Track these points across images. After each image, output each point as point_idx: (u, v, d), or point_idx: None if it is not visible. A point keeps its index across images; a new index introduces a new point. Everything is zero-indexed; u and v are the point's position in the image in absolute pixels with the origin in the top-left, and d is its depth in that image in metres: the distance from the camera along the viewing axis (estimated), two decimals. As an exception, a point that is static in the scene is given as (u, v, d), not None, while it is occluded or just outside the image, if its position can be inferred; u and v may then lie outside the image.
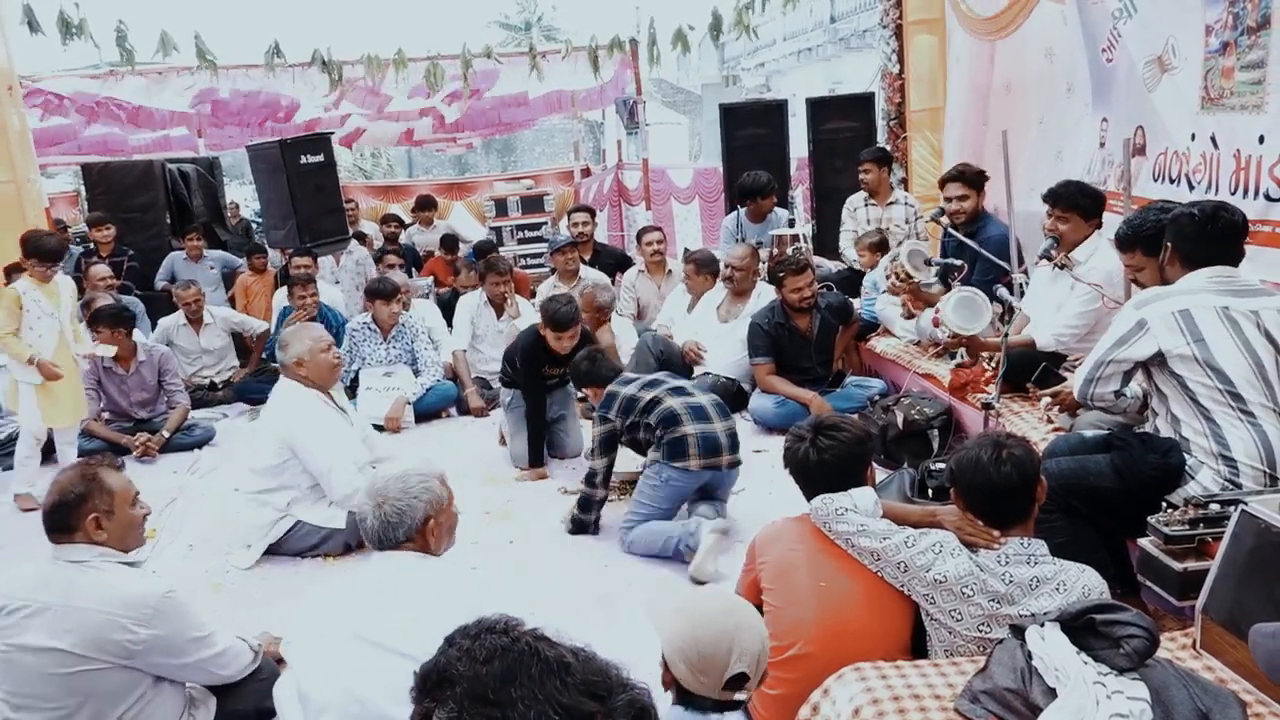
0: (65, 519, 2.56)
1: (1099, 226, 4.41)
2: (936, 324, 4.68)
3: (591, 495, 4.41)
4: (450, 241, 9.43)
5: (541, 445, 5.34)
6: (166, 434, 6.02)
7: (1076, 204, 4.31)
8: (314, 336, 4.36)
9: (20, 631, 2.47)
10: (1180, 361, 2.91)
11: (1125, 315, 3.05)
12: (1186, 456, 2.93)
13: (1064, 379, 3.90)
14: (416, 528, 2.44)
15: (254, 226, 11.91)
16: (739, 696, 1.97)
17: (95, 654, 2.45)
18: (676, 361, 5.97)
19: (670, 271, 7.31)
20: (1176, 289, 3.02)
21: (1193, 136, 4.55)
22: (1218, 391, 2.86)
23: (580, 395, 6.16)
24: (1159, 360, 2.97)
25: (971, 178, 5.45)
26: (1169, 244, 3.13)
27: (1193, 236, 3.04)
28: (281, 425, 4.26)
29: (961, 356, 4.86)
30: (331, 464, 4.25)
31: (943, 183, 5.63)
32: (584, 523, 4.43)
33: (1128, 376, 3.08)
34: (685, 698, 1.98)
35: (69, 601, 2.47)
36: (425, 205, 10.68)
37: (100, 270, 7.41)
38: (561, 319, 5.05)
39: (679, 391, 4.31)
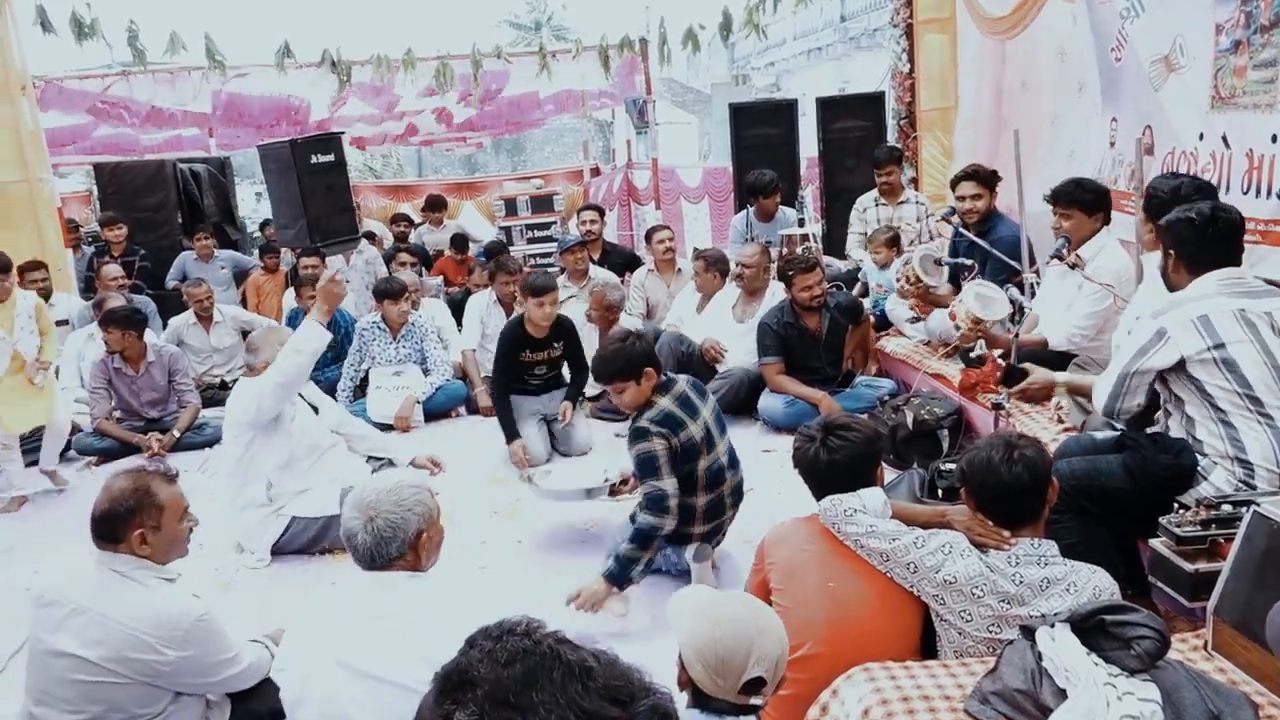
0: (112, 530, 2.55)
1: (1106, 223, 4.39)
2: (954, 317, 4.62)
3: (659, 526, 3.52)
4: (460, 241, 9.45)
5: (512, 420, 5.49)
6: (177, 434, 6.04)
7: (1075, 199, 4.32)
8: (282, 341, 4.38)
9: (52, 630, 2.49)
10: (1199, 366, 2.86)
11: (1145, 325, 3.00)
12: (1199, 458, 2.90)
13: (1028, 374, 3.85)
14: (410, 542, 2.34)
15: (245, 225, 11.95)
16: (755, 701, 1.95)
17: (119, 669, 2.46)
18: (697, 363, 5.97)
19: (680, 270, 7.30)
20: (1191, 295, 2.97)
21: (1201, 136, 4.53)
22: (1236, 395, 2.82)
23: (594, 394, 6.20)
24: (1179, 365, 2.92)
25: (985, 177, 5.44)
26: (1171, 251, 3.08)
27: (1194, 240, 2.99)
28: (234, 412, 4.31)
29: (982, 348, 4.82)
30: (264, 383, 4.20)
31: (955, 181, 5.61)
32: (630, 566, 3.52)
33: (1151, 387, 3.03)
34: (701, 700, 1.97)
35: (102, 611, 2.48)
36: (436, 206, 10.70)
37: (112, 270, 7.45)
38: (541, 284, 5.33)
39: (715, 478, 3.71)
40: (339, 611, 2.35)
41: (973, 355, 4.76)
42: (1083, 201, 4.31)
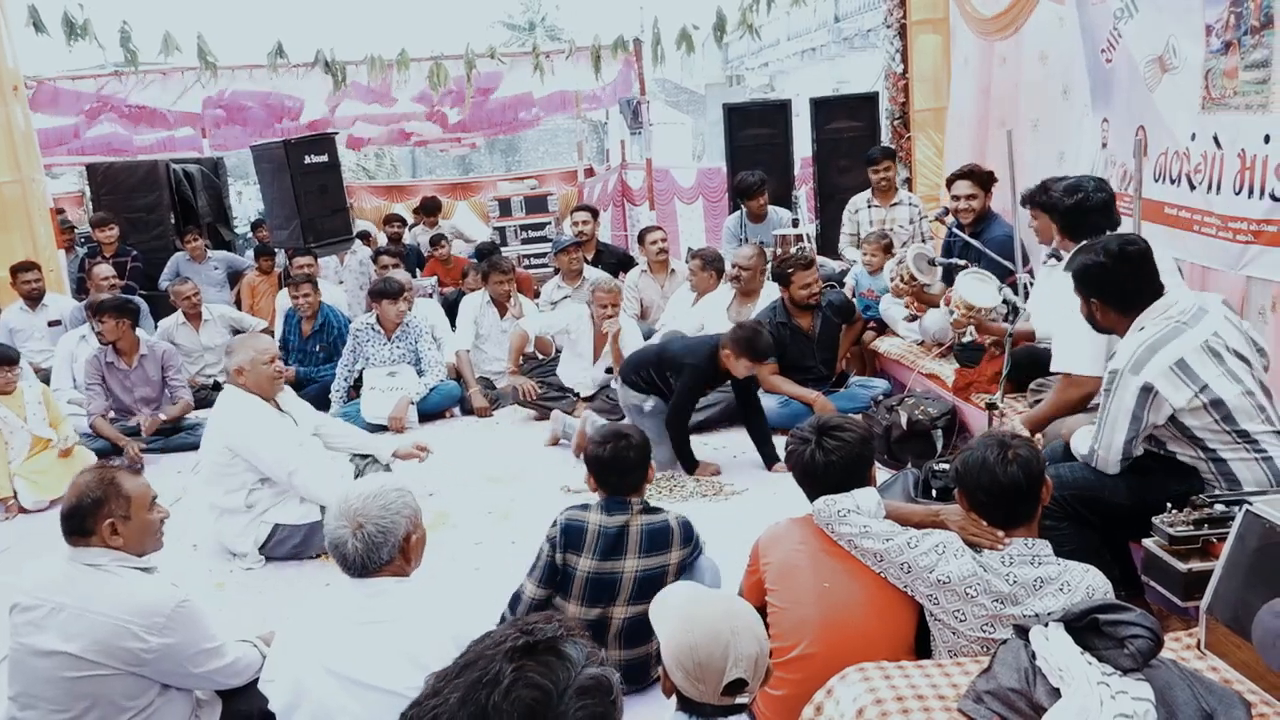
0: (81, 523, 2.56)
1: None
2: (948, 302, 4.61)
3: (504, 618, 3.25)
4: (437, 239, 9.41)
5: (688, 447, 5.13)
6: (163, 417, 6.00)
7: (1036, 201, 4.22)
8: (258, 348, 4.34)
9: (34, 632, 2.48)
10: (1189, 414, 2.79)
11: (1125, 386, 2.83)
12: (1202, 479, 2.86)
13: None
14: (399, 545, 2.33)
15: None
16: (740, 701, 1.94)
17: (105, 660, 2.45)
18: None
19: (673, 271, 7.30)
20: (1154, 338, 2.82)
21: (1193, 136, 4.54)
22: (1225, 434, 2.78)
23: (588, 395, 6.19)
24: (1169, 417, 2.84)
25: (982, 177, 5.44)
26: (1093, 299, 2.96)
27: (1115, 281, 2.90)
28: (225, 434, 4.28)
29: (972, 334, 4.81)
30: (284, 468, 4.27)
31: (951, 180, 5.61)
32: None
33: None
34: (687, 704, 1.96)
35: (82, 605, 2.47)
36: (431, 209, 10.68)
37: (103, 270, 7.42)
38: (764, 350, 4.90)
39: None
40: (328, 618, 2.34)
41: (964, 340, 4.74)
42: (1039, 203, 4.26)
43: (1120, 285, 2.91)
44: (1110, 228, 3.50)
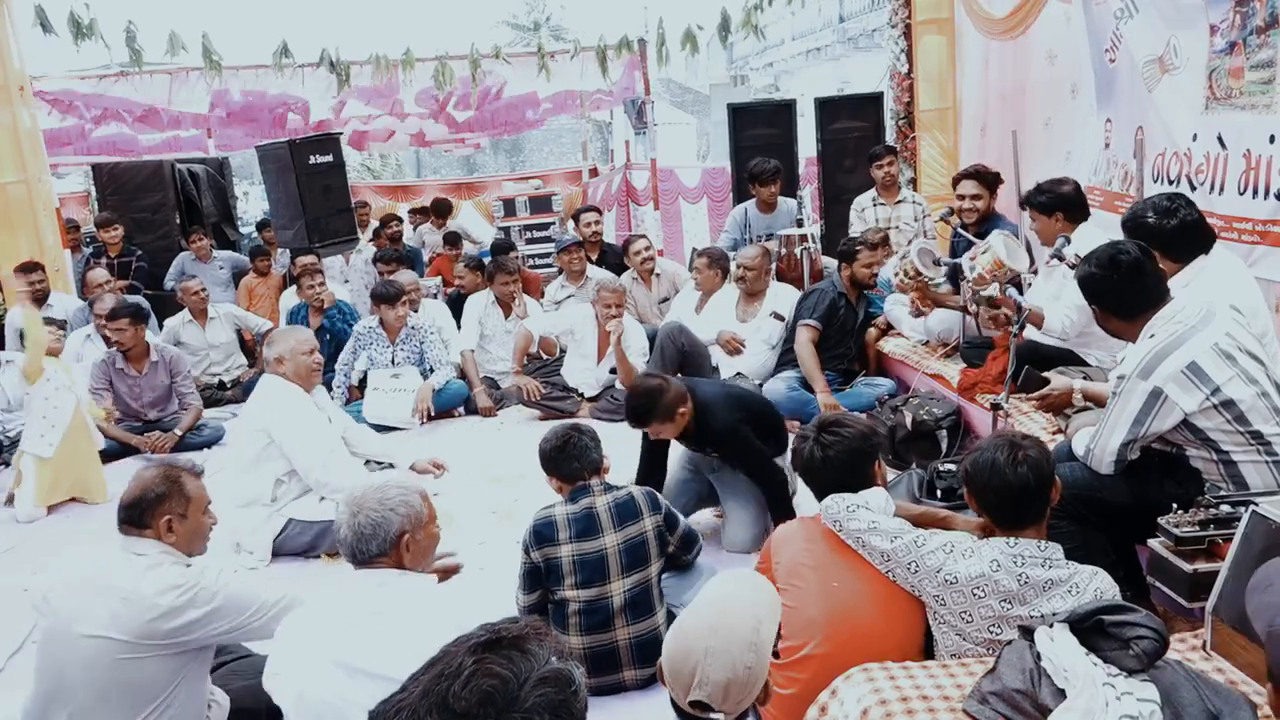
0: (141, 515, 2.61)
1: (1084, 219, 4.32)
2: (973, 258, 4.56)
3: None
4: (453, 238, 9.42)
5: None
6: (179, 433, 6.03)
7: (1030, 202, 4.36)
8: (299, 338, 4.47)
9: (78, 618, 2.50)
10: (1201, 416, 2.79)
11: (1133, 389, 2.84)
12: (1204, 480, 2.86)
13: (1048, 381, 3.81)
14: (391, 542, 2.35)
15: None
16: (714, 717, 1.90)
17: (149, 641, 2.48)
18: (702, 353, 5.89)
19: (658, 274, 7.23)
20: (1166, 344, 2.82)
21: (1195, 137, 4.52)
22: (1238, 435, 2.77)
23: (593, 395, 6.19)
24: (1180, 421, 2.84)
25: (987, 178, 5.43)
26: (1096, 307, 3.04)
27: (1110, 288, 2.96)
28: (265, 417, 4.35)
29: (993, 291, 4.76)
30: (316, 459, 4.33)
31: (956, 180, 5.60)
32: None
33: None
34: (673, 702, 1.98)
35: (127, 590, 2.50)
36: (441, 211, 10.68)
37: (98, 275, 7.38)
38: (633, 410, 4.01)
39: (596, 620, 3.16)
40: (332, 609, 2.36)
41: (984, 294, 4.68)
42: (1037, 204, 4.31)
43: (1115, 292, 2.97)
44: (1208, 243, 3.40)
